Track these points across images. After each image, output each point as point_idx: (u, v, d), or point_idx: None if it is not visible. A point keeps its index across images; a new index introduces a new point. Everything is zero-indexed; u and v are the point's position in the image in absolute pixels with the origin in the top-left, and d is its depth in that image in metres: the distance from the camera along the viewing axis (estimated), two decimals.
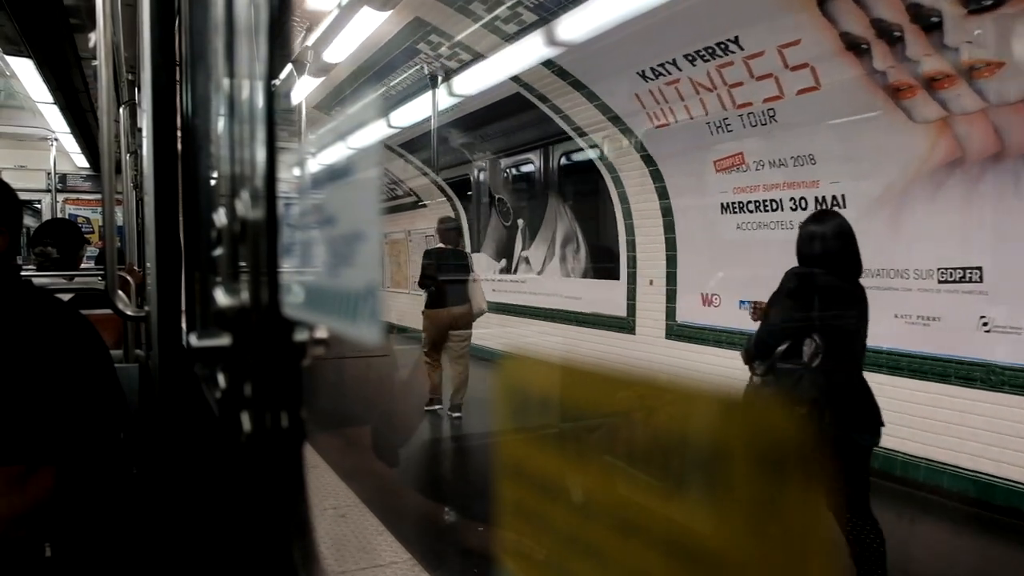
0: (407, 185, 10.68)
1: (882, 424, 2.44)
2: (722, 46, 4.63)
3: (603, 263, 7.19)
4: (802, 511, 0.21)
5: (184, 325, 1.07)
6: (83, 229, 9.25)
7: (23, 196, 1.52)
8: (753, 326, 2.81)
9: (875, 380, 2.56)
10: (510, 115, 7.27)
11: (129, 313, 1.73)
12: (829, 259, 2.52)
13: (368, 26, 5.81)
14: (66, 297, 2.40)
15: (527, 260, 8.44)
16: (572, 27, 5.10)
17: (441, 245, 5.97)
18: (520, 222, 8.59)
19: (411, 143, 8.99)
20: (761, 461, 0.21)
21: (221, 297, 0.63)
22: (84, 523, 1.37)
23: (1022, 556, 3.52)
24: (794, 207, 4.96)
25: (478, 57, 6.27)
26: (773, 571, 0.21)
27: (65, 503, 1.29)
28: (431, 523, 3.71)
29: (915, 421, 4.12)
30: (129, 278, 2.46)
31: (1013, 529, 3.63)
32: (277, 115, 0.55)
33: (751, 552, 0.21)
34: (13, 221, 1.43)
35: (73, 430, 1.28)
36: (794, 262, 2.61)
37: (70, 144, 8.95)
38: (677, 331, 6.16)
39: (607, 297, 6.95)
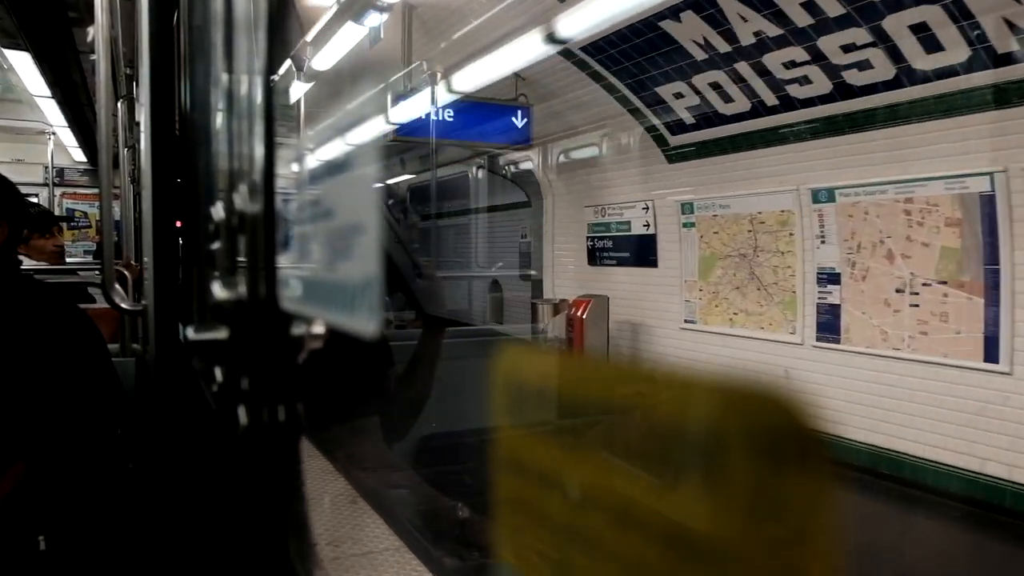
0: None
1: None
2: None
3: None
4: (802, 503, 0.21)
5: (181, 319, 1.07)
6: (80, 224, 9.21)
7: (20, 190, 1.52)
8: None
9: None
10: None
11: (126, 307, 1.72)
12: None
13: None
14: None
15: None
16: None
17: None
18: None
19: None
20: (760, 453, 0.21)
21: (218, 291, 0.63)
22: (79, 517, 1.36)
23: None
24: None
25: None
26: (772, 564, 0.21)
27: (59, 496, 1.29)
28: None
29: None
30: (126, 272, 2.46)
31: None
32: (276, 110, 0.55)
33: (750, 545, 0.21)
34: (13, 213, 1.43)
35: (64, 422, 1.28)
36: None
37: (68, 138, 8.90)
38: None
39: None
